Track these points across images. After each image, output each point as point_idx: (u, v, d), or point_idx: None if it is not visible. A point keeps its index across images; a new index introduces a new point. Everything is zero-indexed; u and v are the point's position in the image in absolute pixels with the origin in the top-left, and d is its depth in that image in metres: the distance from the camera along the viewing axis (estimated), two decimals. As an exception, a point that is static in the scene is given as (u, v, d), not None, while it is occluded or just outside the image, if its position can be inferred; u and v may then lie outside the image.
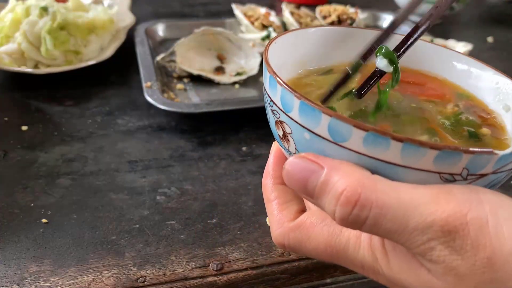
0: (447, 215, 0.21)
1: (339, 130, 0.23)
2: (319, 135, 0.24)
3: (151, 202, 0.48)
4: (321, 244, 0.28)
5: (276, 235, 0.30)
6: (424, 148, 0.22)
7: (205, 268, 0.41)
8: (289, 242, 0.29)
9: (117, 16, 0.79)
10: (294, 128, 0.26)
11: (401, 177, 0.23)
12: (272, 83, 0.27)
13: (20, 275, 0.39)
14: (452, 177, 0.23)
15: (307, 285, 0.43)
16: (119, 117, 0.62)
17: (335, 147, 0.24)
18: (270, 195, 0.31)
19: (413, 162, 0.23)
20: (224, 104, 0.64)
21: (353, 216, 0.23)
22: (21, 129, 0.58)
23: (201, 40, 0.75)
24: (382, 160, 0.23)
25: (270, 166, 0.32)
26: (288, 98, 0.25)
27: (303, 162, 0.25)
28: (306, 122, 0.25)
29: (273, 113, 0.28)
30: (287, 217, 0.30)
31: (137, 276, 0.40)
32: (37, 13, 0.68)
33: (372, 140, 0.23)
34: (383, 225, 0.22)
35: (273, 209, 0.31)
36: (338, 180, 0.23)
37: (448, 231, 0.21)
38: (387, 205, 0.22)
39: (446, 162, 0.22)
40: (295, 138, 0.26)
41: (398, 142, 0.22)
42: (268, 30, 0.79)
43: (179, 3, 1.02)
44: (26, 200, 0.47)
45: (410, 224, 0.22)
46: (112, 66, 0.72)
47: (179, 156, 0.55)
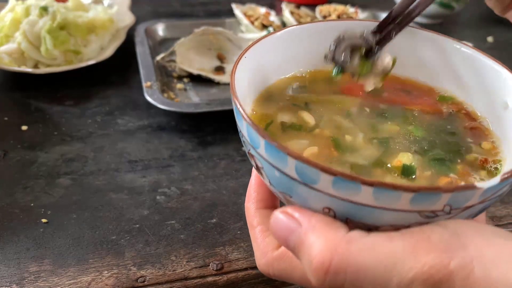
0: (428, 267, 0.20)
1: (306, 173, 0.22)
2: (288, 176, 0.23)
3: (151, 202, 0.48)
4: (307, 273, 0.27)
5: (260, 264, 0.30)
6: (397, 191, 0.21)
7: (205, 268, 0.41)
8: (273, 272, 0.29)
9: (117, 16, 0.78)
10: (264, 164, 0.25)
11: (378, 217, 0.22)
12: (238, 115, 0.26)
13: (20, 275, 0.39)
14: (434, 213, 0.22)
15: (307, 285, 0.43)
16: (119, 117, 0.62)
17: (306, 189, 0.23)
18: (252, 221, 0.31)
19: (388, 204, 0.22)
20: (224, 104, 0.64)
21: (328, 282, 0.22)
22: (21, 129, 0.58)
23: (201, 40, 0.75)
24: (355, 202, 0.22)
25: (252, 188, 0.32)
26: (253, 135, 0.24)
27: (285, 218, 0.24)
28: (274, 161, 0.24)
29: (244, 144, 0.27)
30: (270, 245, 0.29)
31: (137, 276, 0.40)
32: (37, 12, 0.68)
33: (341, 184, 0.22)
34: (364, 287, 0.22)
35: (256, 236, 0.30)
36: (312, 242, 0.23)
37: (431, 284, 0.20)
38: (364, 267, 0.21)
39: (425, 202, 0.21)
40: (267, 173, 0.25)
41: (369, 187, 0.21)
42: (268, 30, 0.79)
43: (179, 3, 1.02)
44: (26, 200, 0.47)
45: (391, 283, 0.21)
46: (112, 66, 0.72)
47: (179, 156, 0.55)
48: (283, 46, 0.33)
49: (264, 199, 0.31)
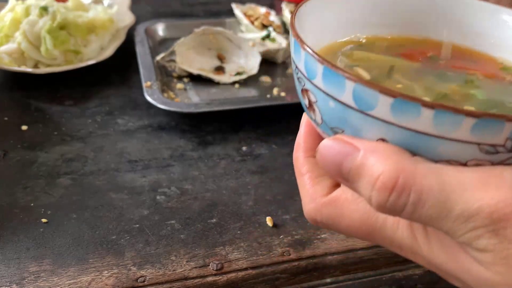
0: (496, 201, 0.20)
1: (364, 97, 0.21)
2: (344, 103, 0.22)
3: (151, 201, 0.48)
4: (356, 222, 0.26)
5: (308, 210, 0.28)
6: (459, 115, 0.20)
7: (205, 268, 0.41)
8: (321, 217, 0.27)
9: (117, 15, 0.78)
10: (319, 96, 0.24)
11: (435, 149, 0.21)
12: (296, 47, 0.25)
13: (20, 275, 0.40)
14: (494, 148, 0.21)
15: (307, 285, 0.43)
16: (119, 117, 0.62)
17: (362, 116, 0.22)
18: (301, 168, 0.29)
19: (447, 132, 0.20)
20: (224, 104, 0.64)
21: (390, 202, 0.21)
22: (21, 129, 0.58)
23: (201, 40, 0.75)
24: (413, 129, 0.21)
25: (301, 137, 0.30)
26: (311, 64, 0.24)
27: (338, 144, 0.23)
28: (330, 89, 0.23)
29: (298, 80, 0.26)
30: (320, 191, 0.28)
31: (137, 275, 0.40)
32: (37, 12, 0.68)
33: (400, 107, 0.20)
34: (424, 212, 0.21)
35: (305, 183, 0.29)
36: (374, 163, 0.21)
37: (498, 218, 0.20)
38: (427, 190, 0.20)
39: (486, 132, 0.20)
40: (320, 107, 0.25)
41: (429, 109, 0.20)
42: (268, 30, 0.79)
43: (179, 3, 1.02)
44: (26, 200, 0.47)
45: (453, 211, 0.20)
46: (112, 65, 0.72)
47: (179, 155, 0.55)
48: (339, 7, 0.32)
49: (313, 149, 0.29)
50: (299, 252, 0.43)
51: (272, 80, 0.72)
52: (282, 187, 0.51)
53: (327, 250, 0.44)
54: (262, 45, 0.76)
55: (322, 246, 0.44)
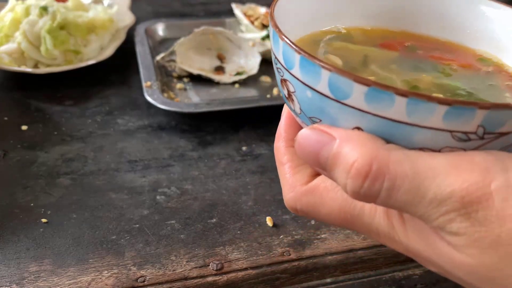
0: (467, 185, 0.20)
1: (339, 86, 0.22)
2: (320, 93, 0.23)
3: (151, 201, 0.48)
4: (335, 209, 0.26)
5: (288, 198, 0.29)
6: (432, 103, 0.20)
7: (205, 268, 0.41)
8: (301, 206, 0.28)
9: (117, 15, 0.78)
10: (297, 86, 0.25)
11: (409, 137, 0.22)
12: (275, 38, 0.26)
13: (20, 275, 0.40)
14: (466, 136, 0.21)
15: (307, 284, 0.43)
16: (119, 117, 0.62)
17: (338, 105, 0.23)
18: (282, 158, 0.30)
19: (421, 120, 0.21)
20: (224, 104, 0.64)
21: (365, 189, 0.21)
22: (21, 129, 0.58)
23: (201, 40, 0.75)
24: (387, 118, 0.21)
25: (282, 128, 0.31)
26: (289, 54, 0.24)
27: (315, 134, 0.24)
28: (307, 79, 0.23)
29: (278, 71, 0.27)
30: (300, 180, 0.28)
31: (137, 275, 0.40)
32: (37, 12, 0.68)
33: (374, 95, 0.21)
34: (398, 197, 0.21)
35: (286, 172, 0.29)
36: (349, 151, 0.22)
37: (469, 202, 0.20)
38: (401, 176, 0.21)
39: (458, 119, 0.20)
40: (298, 97, 0.25)
41: (403, 97, 0.20)
42: (268, 30, 0.79)
43: (179, 3, 1.02)
44: (26, 200, 0.47)
45: (427, 196, 0.20)
46: (112, 65, 0.72)
47: (179, 155, 0.55)
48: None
49: (294, 139, 0.30)
50: (299, 252, 0.43)
51: (272, 80, 0.72)
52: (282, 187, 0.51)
53: (327, 250, 0.44)
54: (262, 45, 0.76)
55: (322, 246, 0.44)
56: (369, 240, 0.45)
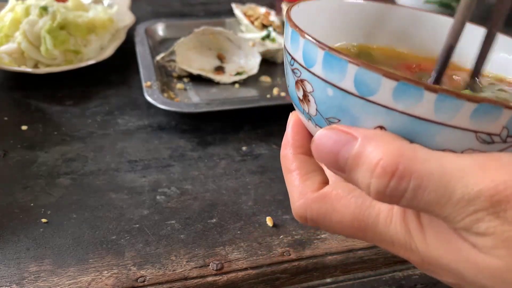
0: (496, 184, 0.20)
1: (366, 82, 0.22)
2: (344, 90, 0.23)
3: (151, 201, 0.48)
4: (348, 218, 0.25)
5: (297, 206, 0.27)
6: (460, 100, 0.20)
7: (205, 268, 0.41)
8: (311, 214, 0.27)
9: (117, 15, 0.78)
10: (316, 84, 0.24)
11: (433, 137, 0.22)
12: (294, 37, 0.25)
13: (20, 275, 0.39)
14: (490, 137, 0.21)
15: (307, 284, 0.43)
16: (119, 117, 0.62)
17: (361, 102, 0.22)
18: (290, 165, 0.29)
19: (447, 118, 0.21)
20: (224, 104, 0.64)
21: (390, 188, 0.21)
22: (21, 129, 0.58)
23: (201, 40, 0.75)
24: (413, 115, 0.21)
25: (289, 135, 0.30)
26: (311, 51, 0.24)
27: (334, 133, 0.23)
28: (330, 75, 0.23)
29: (293, 72, 0.26)
30: (310, 187, 0.27)
31: (137, 275, 0.40)
32: (37, 12, 0.68)
33: (403, 91, 0.21)
34: (424, 197, 0.20)
35: (294, 179, 0.28)
36: (373, 150, 0.21)
37: (498, 201, 0.19)
38: (428, 175, 0.20)
39: (484, 119, 0.21)
40: (317, 96, 0.25)
41: (432, 93, 0.20)
42: (268, 30, 0.79)
43: (179, 3, 1.02)
44: (26, 200, 0.47)
45: (454, 196, 0.20)
46: (112, 65, 0.72)
47: (179, 155, 0.55)
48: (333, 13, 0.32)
49: (302, 146, 0.29)
50: (299, 252, 0.43)
51: (272, 80, 0.72)
52: (282, 187, 0.51)
53: (327, 250, 0.44)
54: (262, 45, 0.76)
55: (322, 246, 0.44)
56: (369, 240, 0.45)
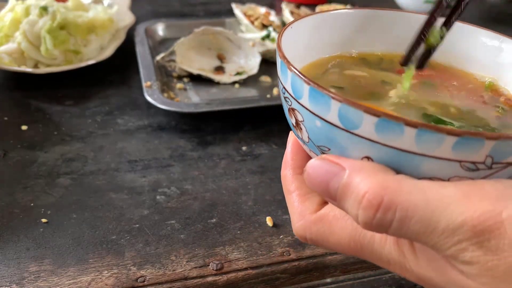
0: (479, 214, 0.20)
1: (349, 117, 0.22)
2: (330, 123, 0.23)
3: (151, 201, 0.48)
4: (345, 239, 0.27)
5: (297, 227, 0.29)
6: (440, 134, 0.20)
7: (205, 268, 0.41)
8: (311, 235, 0.28)
9: (117, 15, 0.78)
10: (306, 115, 0.25)
11: (418, 166, 0.22)
12: (283, 68, 0.26)
13: (20, 275, 0.39)
14: (475, 165, 0.22)
15: (307, 284, 0.43)
16: (119, 117, 0.62)
17: (347, 135, 0.23)
18: (290, 186, 0.30)
19: (429, 150, 0.21)
20: (224, 104, 0.64)
21: (377, 220, 0.22)
22: (21, 129, 0.58)
23: (201, 40, 0.75)
24: (396, 148, 0.22)
25: (288, 155, 0.31)
26: (298, 84, 0.25)
27: (324, 164, 0.24)
28: (317, 109, 0.24)
29: (285, 100, 0.27)
30: (308, 209, 0.28)
31: (137, 275, 0.40)
32: (37, 12, 0.68)
33: (384, 126, 0.21)
34: (410, 227, 0.21)
35: (294, 200, 0.29)
36: (360, 182, 0.22)
37: (481, 231, 0.20)
38: (413, 207, 0.21)
39: (467, 150, 0.21)
40: (307, 126, 0.25)
41: (412, 128, 0.21)
42: (268, 30, 0.79)
43: (179, 3, 1.02)
44: (26, 199, 0.47)
45: (439, 226, 0.21)
46: (112, 65, 0.72)
47: (179, 155, 0.55)
48: (330, 26, 0.33)
49: (301, 166, 0.30)
50: (299, 252, 0.43)
51: (272, 80, 0.72)
52: (282, 187, 0.51)
53: (327, 250, 0.44)
54: (262, 45, 0.76)
55: (322, 246, 0.44)
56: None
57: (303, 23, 0.31)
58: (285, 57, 0.26)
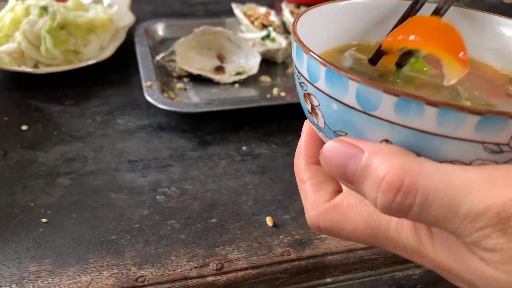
0: (503, 200, 0.19)
1: (368, 97, 0.21)
2: (347, 105, 0.23)
3: (151, 201, 0.48)
4: (360, 226, 0.26)
5: (310, 217, 0.28)
6: (463, 113, 0.19)
7: (205, 268, 0.41)
8: (325, 224, 0.27)
9: (117, 15, 0.78)
10: (322, 99, 0.24)
11: (439, 149, 0.21)
12: (299, 52, 0.25)
13: (20, 275, 0.39)
14: (499, 147, 0.21)
15: (306, 284, 0.43)
16: (119, 117, 0.62)
17: (365, 117, 0.22)
18: (303, 175, 0.29)
19: (451, 131, 0.20)
20: (224, 104, 0.64)
21: (396, 203, 0.21)
22: (21, 129, 0.58)
23: (201, 40, 0.75)
24: (417, 129, 0.21)
25: (302, 145, 0.30)
26: (314, 67, 0.24)
27: (342, 146, 0.23)
28: (333, 91, 0.23)
29: (301, 86, 0.26)
30: (322, 198, 0.28)
31: (137, 275, 0.40)
32: (37, 12, 0.68)
33: (404, 106, 0.20)
34: (431, 212, 0.20)
35: (307, 190, 0.29)
36: (379, 164, 0.21)
37: (505, 217, 0.19)
38: (434, 190, 0.20)
39: (490, 130, 0.20)
40: (323, 110, 0.25)
41: (433, 107, 0.20)
42: (268, 30, 0.79)
43: (179, 3, 1.02)
44: (26, 199, 0.47)
45: (460, 212, 0.20)
46: (112, 65, 0.72)
47: (179, 155, 0.55)
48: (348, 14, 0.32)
49: (315, 156, 0.29)
50: (299, 252, 0.43)
51: (272, 80, 0.72)
52: (282, 187, 0.51)
53: (327, 250, 0.44)
54: (262, 45, 0.76)
55: (322, 246, 0.44)
56: (369, 240, 0.45)
57: (320, 10, 0.30)
58: (301, 40, 0.25)
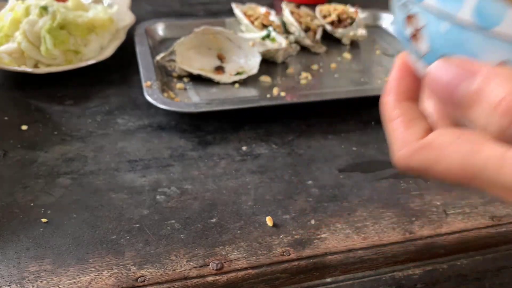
0: None
1: (488, 11, 0.19)
2: (461, 21, 0.20)
3: (151, 201, 0.48)
4: (455, 165, 0.24)
5: (399, 155, 0.26)
6: None
7: (205, 268, 0.41)
8: (414, 162, 0.25)
9: (117, 15, 0.78)
10: (430, 18, 0.22)
11: None
12: None
13: (20, 275, 0.40)
14: None
15: (307, 284, 0.43)
16: (119, 117, 0.62)
17: (481, 36, 0.20)
18: (392, 112, 0.27)
19: None
20: (224, 104, 0.64)
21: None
22: (21, 129, 0.58)
23: (201, 40, 0.75)
24: None
25: (394, 80, 0.28)
26: None
27: (453, 66, 0.21)
28: (446, 6, 0.21)
29: (402, 8, 0.24)
30: (414, 135, 0.26)
31: (137, 275, 0.40)
32: (37, 12, 0.68)
33: None
34: None
35: (397, 127, 0.26)
36: (496, 87, 0.20)
37: None
38: None
39: None
40: (430, 31, 0.22)
41: None
42: (268, 30, 0.79)
43: (179, 3, 1.02)
44: (26, 199, 0.47)
45: None
46: (112, 65, 0.72)
47: (179, 155, 0.55)
48: None
49: (407, 91, 0.27)
50: (299, 252, 0.43)
51: (272, 80, 0.72)
52: (282, 187, 0.51)
53: (327, 250, 0.44)
54: (262, 45, 0.76)
55: (322, 246, 0.44)
56: (369, 240, 0.45)
57: None
58: None
